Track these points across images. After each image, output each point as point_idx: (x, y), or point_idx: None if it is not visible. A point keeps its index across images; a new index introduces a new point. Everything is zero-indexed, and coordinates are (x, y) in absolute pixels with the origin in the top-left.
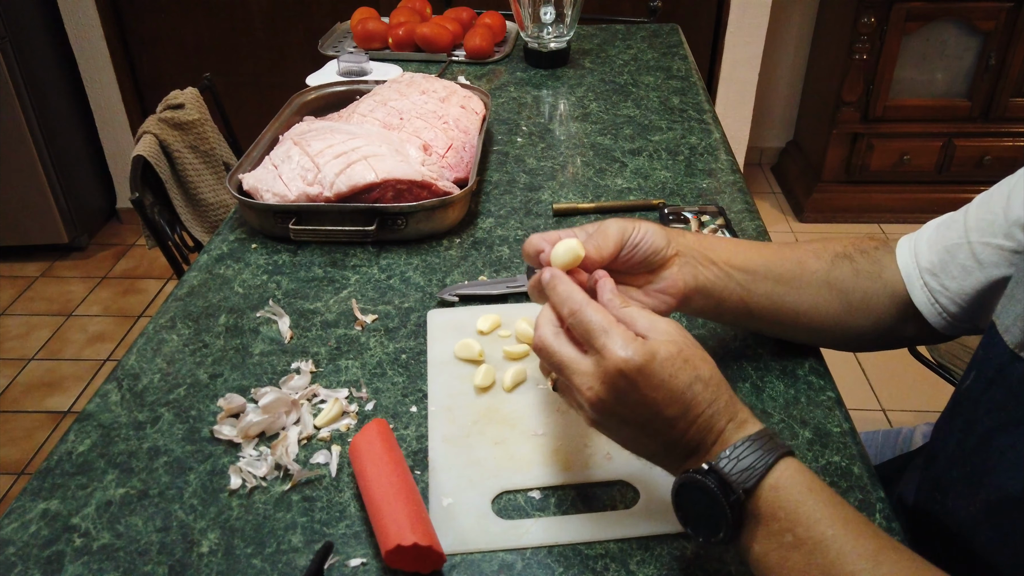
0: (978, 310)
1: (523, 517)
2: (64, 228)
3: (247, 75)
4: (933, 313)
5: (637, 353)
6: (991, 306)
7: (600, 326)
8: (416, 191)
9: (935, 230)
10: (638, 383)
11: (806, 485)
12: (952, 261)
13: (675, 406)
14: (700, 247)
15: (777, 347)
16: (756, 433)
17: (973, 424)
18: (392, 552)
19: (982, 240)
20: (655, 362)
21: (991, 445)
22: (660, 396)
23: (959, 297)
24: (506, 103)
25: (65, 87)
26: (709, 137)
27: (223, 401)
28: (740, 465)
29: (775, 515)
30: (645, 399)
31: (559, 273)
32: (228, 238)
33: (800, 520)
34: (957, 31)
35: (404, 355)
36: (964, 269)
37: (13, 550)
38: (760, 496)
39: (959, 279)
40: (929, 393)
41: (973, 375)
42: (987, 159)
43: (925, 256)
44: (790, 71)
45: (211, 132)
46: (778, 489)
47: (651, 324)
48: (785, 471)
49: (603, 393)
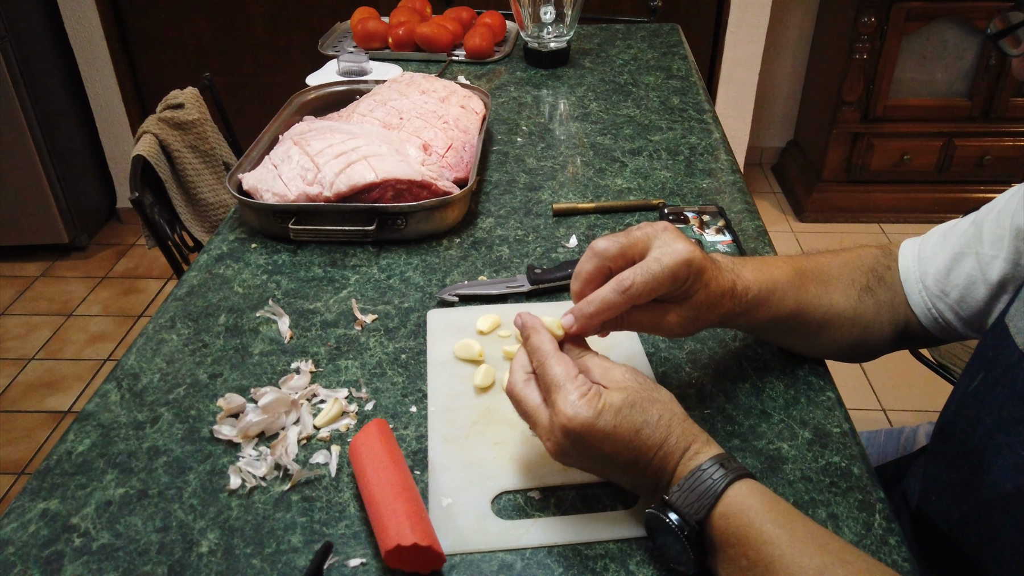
0: (977, 317)
1: (523, 517)
2: (64, 228)
3: (247, 75)
4: (929, 319)
5: (579, 413)
6: (990, 313)
7: (556, 381)
8: (416, 191)
9: (941, 236)
10: (584, 438)
11: (755, 508)
12: (956, 269)
13: (625, 453)
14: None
15: (777, 347)
16: (707, 462)
17: (976, 425)
18: (392, 552)
19: (990, 252)
20: (599, 419)
21: (990, 444)
22: (608, 448)
23: (959, 305)
24: (506, 103)
25: (65, 87)
26: (709, 137)
27: (223, 401)
28: (690, 498)
29: (728, 541)
30: (596, 450)
31: (533, 322)
32: (228, 238)
33: (750, 543)
34: (957, 31)
35: (404, 355)
36: (968, 278)
37: (13, 550)
38: (713, 525)
39: (961, 287)
40: (929, 393)
41: (981, 376)
42: (987, 159)
43: (930, 262)
44: (790, 71)
45: (211, 132)
46: (727, 516)
47: (603, 373)
48: (735, 497)
49: (562, 443)
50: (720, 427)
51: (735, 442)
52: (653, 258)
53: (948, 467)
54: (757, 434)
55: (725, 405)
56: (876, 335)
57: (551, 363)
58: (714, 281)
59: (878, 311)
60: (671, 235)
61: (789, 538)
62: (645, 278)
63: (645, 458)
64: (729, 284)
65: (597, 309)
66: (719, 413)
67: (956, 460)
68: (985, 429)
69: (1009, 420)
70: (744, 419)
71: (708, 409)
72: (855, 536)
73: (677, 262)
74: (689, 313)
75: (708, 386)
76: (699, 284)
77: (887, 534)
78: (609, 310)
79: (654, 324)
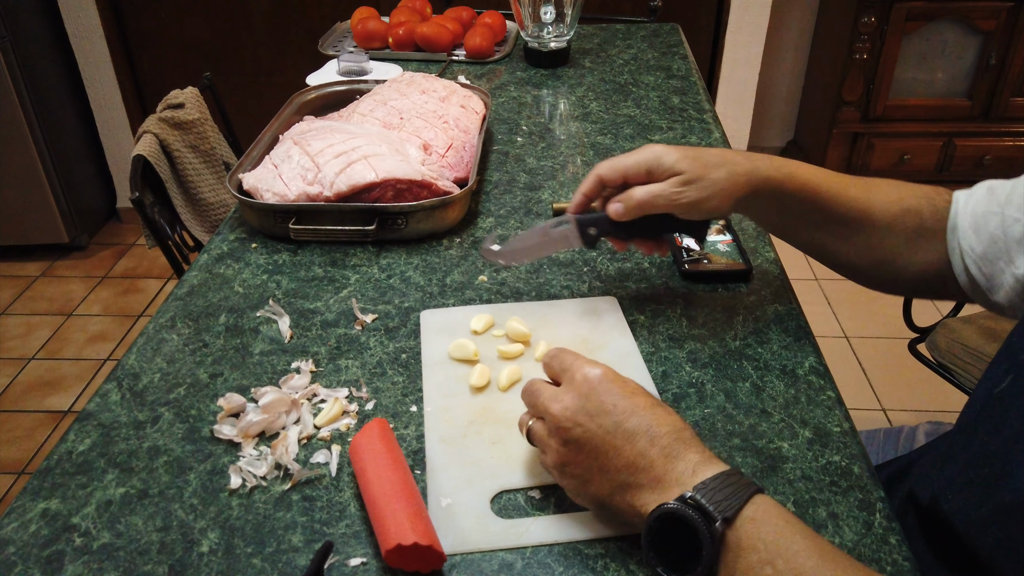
0: (993, 282)
1: (523, 516)
2: (64, 228)
3: (247, 75)
4: (960, 268)
5: (599, 366)
6: (1003, 282)
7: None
8: (416, 191)
9: (987, 191)
10: (601, 392)
11: (783, 518)
12: (984, 226)
13: (635, 419)
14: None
15: (777, 347)
16: (731, 468)
17: (1000, 427)
18: (392, 551)
19: (1015, 215)
20: (617, 375)
21: (1015, 448)
22: (623, 406)
23: (982, 261)
24: (506, 103)
25: (65, 87)
26: (709, 137)
27: (223, 401)
28: (718, 496)
29: (755, 547)
30: (608, 414)
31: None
32: (228, 238)
33: (781, 552)
34: (957, 31)
35: (404, 355)
36: (992, 237)
37: (13, 549)
38: (739, 527)
39: (985, 243)
40: (929, 393)
41: (1010, 379)
42: (987, 159)
43: (969, 214)
44: (790, 71)
45: (211, 132)
46: (757, 522)
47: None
48: (762, 504)
49: (572, 418)
50: (720, 426)
51: (735, 441)
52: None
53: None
54: (757, 433)
55: (725, 404)
56: (907, 260)
57: (564, 356)
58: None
59: (918, 235)
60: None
61: (820, 552)
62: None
63: (658, 432)
64: (744, 153)
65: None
66: (719, 412)
67: (977, 461)
68: (1011, 432)
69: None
70: (744, 418)
71: (708, 408)
72: (855, 535)
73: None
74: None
75: (708, 386)
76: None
77: (887, 533)
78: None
79: (664, 192)
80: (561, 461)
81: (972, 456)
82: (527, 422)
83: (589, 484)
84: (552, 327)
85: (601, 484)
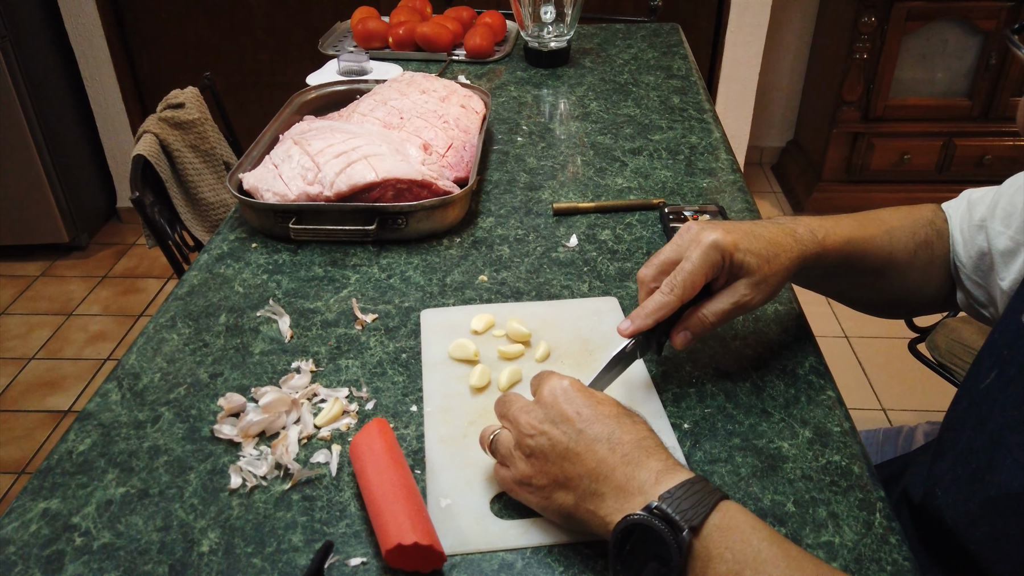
0: (990, 290)
1: (523, 517)
2: (64, 227)
3: (247, 75)
4: (959, 285)
5: (568, 379)
6: (995, 296)
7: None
8: (416, 190)
9: (967, 207)
10: (570, 399)
11: (750, 524)
12: (972, 241)
13: (600, 427)
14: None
15: (777, 347)
16: (696, 476)
17: (986, 422)
18: (392, 551)
19: (999, 227)
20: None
21: (1000, 443)
22: (587, 414)
23: (975, 274)
24: (506, 102)
25: (65, 87)
26: (709, 136)
27: (223, 400)
28: (683, 504)
29: (722, 556)
30: (572, 425)
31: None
32: (228, 237)
33: (748, 561)
34: (957, 30)
35: (404, 354)
36: (979, 249)
37: (13, 549)
38: (706, 536)
39: (975, 258)
40: (929, 393)
41: (994, 374)
42: (987, 159)
43: (957, 235)
44: (790, 71)
45: (211, 131)
46: (723, 530)
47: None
48: (728, 511)
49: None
50: (720, 426)
51: (735, 441)
52: (685, 258)
53: (955, 463)
54: (757, 433)
55: (725, 404)
56: (923, 293)
57: (542, 374)
58: (760, 240)
59: (931, 265)
60: (695, 231)
61: (786, 557)
62: (683, 276)
63: (620, 440)
64: (789, 231)
65: (651, 310)
66: (719, 412)
67: (964, 456)
68: (996, 427)
69: (1021, 419)
70: (744, 418)
71: (708, 408)
72: (855, 535)
73: (705, 250)
74: (755, 277)
75: (708, 386)
76: (742, 254)
77: (888, 533)
78: (662, 309)
79: (735, 306)
80: (525, 474)
81: (960, 452)
82: (488, 437)
83: (554, 496)
84: (552, 327)
85: (565, 495)
